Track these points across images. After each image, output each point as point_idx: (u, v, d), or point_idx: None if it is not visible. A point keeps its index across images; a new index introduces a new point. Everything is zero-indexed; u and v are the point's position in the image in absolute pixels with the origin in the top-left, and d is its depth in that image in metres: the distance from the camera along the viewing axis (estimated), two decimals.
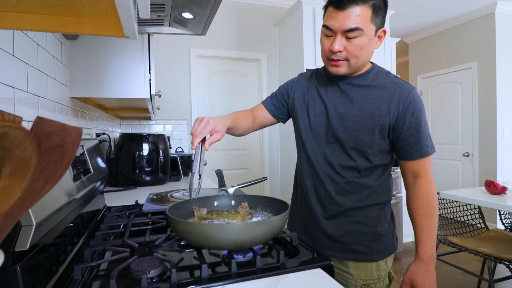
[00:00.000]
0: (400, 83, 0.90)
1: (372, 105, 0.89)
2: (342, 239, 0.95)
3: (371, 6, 0.82)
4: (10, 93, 0.74)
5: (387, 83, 0.91)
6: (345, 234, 0.95)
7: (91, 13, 0.55)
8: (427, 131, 0.89)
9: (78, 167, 0.88)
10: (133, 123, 3.00)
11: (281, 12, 3.40)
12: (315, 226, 0.99)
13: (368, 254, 0.94)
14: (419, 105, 0.88)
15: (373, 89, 0.91)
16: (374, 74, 0.93)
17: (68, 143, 0.27)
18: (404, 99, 0.87)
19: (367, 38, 0.84)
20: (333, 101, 0.94)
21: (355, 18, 0.81)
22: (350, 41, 0.84)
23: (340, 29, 0.83)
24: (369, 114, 0.89)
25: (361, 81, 0.92)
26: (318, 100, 0.97)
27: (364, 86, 0.92)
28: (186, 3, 1.00)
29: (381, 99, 0.89)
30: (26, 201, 0.26)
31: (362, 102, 0.90)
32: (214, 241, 0.67)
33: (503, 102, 3.65)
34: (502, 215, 2.31)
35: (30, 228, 0.50)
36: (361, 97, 0.91)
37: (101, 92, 1.33)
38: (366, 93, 0.91)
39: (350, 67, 0.88)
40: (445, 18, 3.97)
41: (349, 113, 0.91)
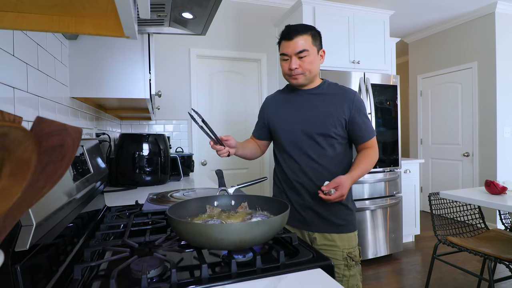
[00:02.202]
0: (346, 89, 1.26)
1: (331, 107, 1.22)
2: (328, 215, 1.22)
3: (310, 34, 1.19)
4: (10, 93, 0.74)
5: (337, 91, 1.25)
6: (329, 211, 1.22)
7: (91, 13, 0.55)
8: (369, 121, 1.26)
9: (78, 167, 0.88)
10: (133, 123, 3.00)
11: (281, 12, 3.40)
12: (305, 209, 1.23)
13: (347, 226, 1.23)
14: (362, 103, 1.24)
15: (328, 95, 1.25)
16: (327, 85, 1.28)
17: (68, 143, 0.27)
18: (351, 101, 1.22)
19: (313, 56, 1.20)
20: (301, 107, 1.25)
21: (301, 43, 1.17)
22: (302, 60, 1.19)
23: (293, 53, 1.18)
24: (331, 114, 1.21)
25: (319, 91, 1.26)
26: (289, 108, 1.28)
27: (321, 94, 1.25)
28: (186, 3, 1.00)
29: (336, 102, 1.22)
30: (26, 201, 0.26)
31: (323, 105, 1.23)
32: (214, 241, 0.67)
33: (503, 102, 3.65)
34: (502, 215, 2.31)
35: (30, 228, 0.50)
36: (322, 102, 1.24)
37: (101, 92, 1.33)
38: (324, 99, 1.24)
39: (306, 78, 1.22)
40: (445, 18, 3.97)
41: (316, 115, 1.22)
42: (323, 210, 1.21)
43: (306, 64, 1.19)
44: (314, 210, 1.22)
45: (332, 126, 1.20)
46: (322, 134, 1.20)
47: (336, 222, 1.21)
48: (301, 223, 1.25)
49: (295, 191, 1.25)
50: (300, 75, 1.21)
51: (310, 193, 1.22)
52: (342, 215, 1.23)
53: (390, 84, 2.96)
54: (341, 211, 1.23)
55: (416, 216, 3.32)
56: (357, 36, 2.96)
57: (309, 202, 1.22)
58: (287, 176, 1.26)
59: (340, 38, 2.91)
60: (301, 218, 1.24)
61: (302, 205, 1.24)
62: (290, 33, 1.18)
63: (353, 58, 2.96)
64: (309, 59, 1.19)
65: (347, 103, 1.21)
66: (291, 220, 1.25)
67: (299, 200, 1.24)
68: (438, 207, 2.23)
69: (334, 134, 1.20)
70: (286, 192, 1.28)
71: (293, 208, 1.24)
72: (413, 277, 2.57)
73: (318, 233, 1.22)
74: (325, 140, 1.21)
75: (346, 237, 1.22)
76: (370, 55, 3.05)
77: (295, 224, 1.26)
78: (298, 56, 1.18)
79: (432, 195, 2.24)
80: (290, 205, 1.15)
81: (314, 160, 1.21)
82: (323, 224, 1.22)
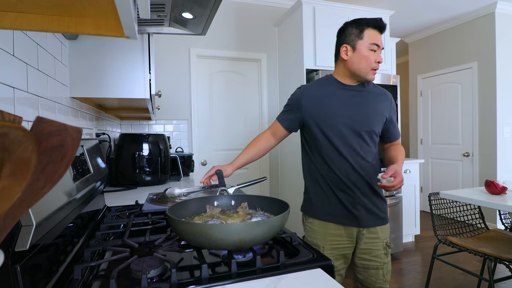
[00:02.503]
0: (385, 90, 1.33)
1: (376, 105, 1.25)
2: (376, 210, 1.25)
3: None
4: (10, 93, 0.74)
5: (379, 90, 1.30)
6: (376, 206, 1.25)
7: (91, 13, 0.55)
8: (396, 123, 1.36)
9: (78, 167, 0.88)
10: (133, 123, 3.00)
11: (281, 12, 3.40)
12: (356, 206, 1.23)
13: (385, 218, 1.29)
14: (395, 106, 1.34)
15: (372, 94, 1.27)
16: (367, 84, 1.29)
17: (68, 143, 0.27)
18: (391, 101, 1.31)
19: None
20: (349, 103, 1.23)
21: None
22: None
23: (382, 46, 1.20)
24: (377, 112, 1.25)
25: (363, 88, 1.27)
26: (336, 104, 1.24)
27: (366, 91, 1.27)
28: (186, 3, 1.00)
29: (380, 101, 1.27)
30: (26, 201, 0.26)
31: (370, 103, 1.25)
32: (214, 241, 0.67)
33: (503, 102, 3.65)
34: (502, 215, 2.31)
35: (30, 228, 0.50)
36: (368, 100, 1.25)
37: (101, 92, 1.33)
38: (369, 97, 1.26)
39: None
40: (445, 18, 3.97)
41: (365, 112, 1.23)
42: (371, 206, 1.24)
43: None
44: (365, 207, 1.23)
45: (377, 124, 1.24)
46: (368, 131, 1.22)
47: (380, 215, 1.26)
48: (351, 220, 1.24)
49: (347, 190, 1.22)
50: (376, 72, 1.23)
51: (361, 191, 1.22)
52: (383, 208, 1.28)
53: (390, 84, 2.96)
54: (382, 205, 1.28)
55: (416, 216, 3.32)
56: None
57: (360, 199, 1.22)
58: (337, 175, 1.22)
59: None
60: (351, 215, 1.23)
61: (353, 203, 1.23)
62: (383, 27, 1.18)
63: None
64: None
65: (388, 103, 1.28)
66: (339, 218, 1.24)
67: (350, 198, 1.22)
68: (438, 207, 2.23)
69: (377, 131, 1.25)
70: (335, 191, 1.24)
71: (341, 207, 1.23)
72: (413, 277, 2.57)
73: (367, 228, 1.24)
74: (370, 137, 1.23)
75: (385, 228, 1.29)
76: None
77: (344, 222, 1.24)
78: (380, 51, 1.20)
79: (432, 195, 2.24)
80: (339, 203, 1.24)
81: (363, 157, 1.21)
82: (372, 219, 1.24)
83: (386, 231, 1.29)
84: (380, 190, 1.27)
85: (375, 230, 1.25)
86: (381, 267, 1.25)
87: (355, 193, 1.22)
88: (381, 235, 1.26)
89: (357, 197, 1.22)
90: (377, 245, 1.25)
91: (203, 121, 3.26)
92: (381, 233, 1.26)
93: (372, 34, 1.17)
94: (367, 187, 1.23)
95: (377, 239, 1.25)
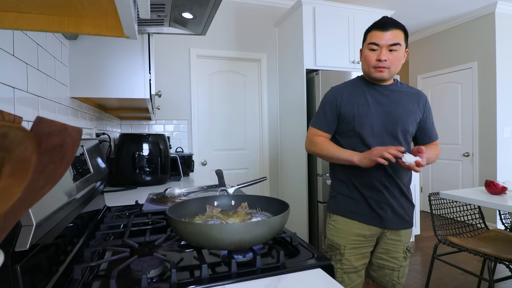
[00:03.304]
0: (418, 90, 1.32)
1: (409, 104, 1.24)
2: (402, 213, 1.23)
3: (403, 31, 1.19)
4: (10, 93, 0.74)
5: (411, 90, 1.29)
6: (403, 209, 1.24)
7: (91, 13, 0.55)
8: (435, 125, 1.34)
9: (78, 167, 0.88)
10: (133, 123, 3.00)
11: (281, 12, 3.40)
12: (382, 206, 1.22)
13: (410, 222, 1.27)
14: (431, 107, 1.31)
15: (405, 94, 1.27)
16: (400, 84, 1.30)
17: (68, 143, 0.27)
18: (424, 102, 1.29)
19: (402, 53, 1.20)
20: (382, 102, 1.24)
21: (396, 36, 1.17)
22: (391, 53, 1.18)
23: (385, 44, 1.17)
24: (411, 111, 1.24)
25: (396, 88, 1.27)
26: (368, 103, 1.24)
27: (398, 91, 1.26)
28: (186, 3, 1.00)
29: (413, 101, 1.26)
30: (26, 201, 0.26)
31: (403, 102, 1.24)
32: (214, 241, 0.67)
33: (503, 102, 3.65)
34: (502, 215, 2.31)
35: (30, 228, 0.50)
36: (401, 99, 1.25)
37: (101, 92, 1.33)
38: (401, 96, 1.25)
39: (390, 73, 1.21)
40: (445, 18, 3.97)
41: (398, 111, 1.22)
42: (398, 207, 1.22)
43: (395, 59, 1.18)
44: (392, 208, 1.21)
45: (411, 123, 1.23)
46: (402, 131, 1.22)
47: (406, 218, 1.25)
48: (375, 220, 1.22)
49: (374, 189, 1.22)
50: (385, 69, 1.19)
51: (389, 191, 1.21)
52: (410, 212, 1.26)
53: None
54: (409, 208, 1.26)
55: (416, 216, 3.32)
56: (357, 36, 2.96)
57: (387, 200, 1.21)
58: (365, 174, 1.21)
59: (340, 38, 2.91)
60: (376, 215, 1.22)
61: (379, 203, 1.21)
62: (387, 24, 1.17)
63: (353, 58, 2.96)
64: (398, 55, 1.18)
65: (422, 103, 1.27)
66: (364, 218, 1.23)
67: (376, 197, 1.21)
68: (438, 207, 2.23)
69: (410, 131, 1.24)
70: (360, 190, 1.24)
71: (366, 205, 1.23)
72: (413, 277, 2.56)
73: (391, 230, 1.23)
74: (404, 137, 1.23)
75: (409, 232, 1.27)
76: None
77: (369, 222, 1.23)
78: (389, 49, 1.17)
79: (432, 195, 2.24)
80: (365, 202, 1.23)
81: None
82: (397, 221, 1.23)
83: (409, 235, 1.28)
84: (409, 194, 1.26)
85: (398, 233, 1.24)
86: (397, 269, 1.25)
87: (383, 193, 1.21)
88: (403, 238, 1.26)
89: (384, 198, 1.21)
90: (398, 247, 1.25)
91: (203, 121, 3.26)
92: (404, 236, 1.26)
93: (373, 35, 1.19)
94: (396, 188, 1.22)
95: (398, 242, 1.25)
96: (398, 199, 1.22)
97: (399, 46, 1.17)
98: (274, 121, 3.47)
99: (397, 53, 1.18)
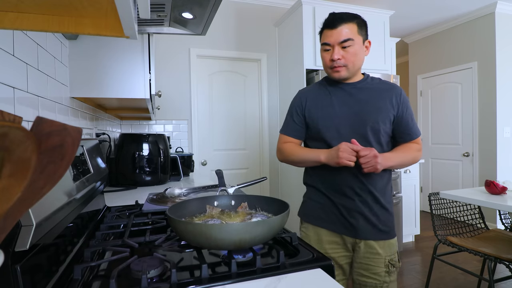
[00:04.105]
0: (392, 84, 1.19)
1: (379, 101, 1.14)
2: (376, 221, 1.13)
3: (356, 23, 1.11)
4: (10, 93, 0.74)
5: (383, 86, 1.18)
6: (377, 217, 1.13)
7: (91, 13, 0.55)
8: (415, 119, 1.19)
9: (78, 167, 0.88)
10: (133, 123, 3.00)
11: (281, 12, 3.40)
12: (353, 214, 1.13)
13: (389, 232, 1.15)
14: (408, 101, 1.18)
15: (374, 90, 1.16)
16: (370, 79, 1.20)
17: (68, 143, 0.27)
18: (399, 96, 1.15)
19: (358, 46, 1.11)
20: (347, 102, 1.15)
21: (345, 32, 1.09)
22: (345, 50, 1.10)
23: (336, 42, 1.10)
24: (381, 108, 1.13)
25: (364, 85, 1.17)
26: (333, 104, 1.17)
27: (367, 88, 1.17)
28: (186, 3, 1.00)
29: (384, 97, 1.14)
30: (26, 201, 0.26)
31: (371, 100, 1.14)
32: (214, 241, 0.67)
33: (503, 102, 3.65)
34: (502, 215, 2.31)
35: (30, 228, 0.50)
36: (369, 96, 1.15)
37: (101, 92, 1.33)
38: (371, 93, 1.15)
39: (349, 71, 1.13)
40: (445, 18, 3.97)
41: (366, 110, 1.13)
42: (371, 216, 1.12)
43: (350, 55, 1.10)
44: (364, 215, 1.12)
45: (382, 122, 1.12)
46: (372, 131, 1.12)
47: (381, 228, 1.13)
48: (347, 229, 1.14)
49: (344, 195, 1.14)
50: (342, 68, 1.11)
51: (360, 197, 1.12)
52: (386, 221, 1.15)
53: None
54: (385, 217, 1.15)
55: (416, 216, 3.32)
56: None
57: (358, 206, 1.12)
58: (335, 179, 1.14)
59: None
60: (347, 224, 1.14)
61: (350, 210, 1.13)
62: (334, 21, 1.10)
63: None
64: (353, 50, 1.10)
65: (395, 98, 1.15)
66: (334, 226, 1.16)
67: (347, 204, 1.13)
68: (438, 207, 2.23)
69: (383, 131, 1.13)
70: (330, 196, 1.16)
71: (338, 213, 1.15)
72: (413, 277, 2.56)
73: (363, 241, 1.13)
74: (375, 138, 1.13)
75: (388, 244, 1.15)
76: (370, 55, 3.02)
77: (340, 230, 1.15)
78: (342, 46, 1.09)
79: (432, 195, 2.24)
80: (335, 209, 1.15)
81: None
82: (371, 231, 1.13)
83: (390, 247, 1.15)
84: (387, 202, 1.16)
85: (373, 244, 1.13)
86: (380, 285, 1.12)
87: (354, 201, 1.13)
88: (383, 251, 1.13)
89: (355, 205, 1.12)
90: (378, 261, 1.12)
91: (203, 121, 3.26)
92: (383, 249, 1.13)
93: (324, 34, 1.14)
94: (368, 195, 1.12)
95: (377, 256, 1.12)
96: (372, 206, 1.12)
97: (352, 41, 1.09)
98: (274, 121, 3.47)
99: (352, 49, 1.10)
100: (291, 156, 1.21)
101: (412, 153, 1.16)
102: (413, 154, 1.16)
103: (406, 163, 1.16)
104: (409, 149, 1.16)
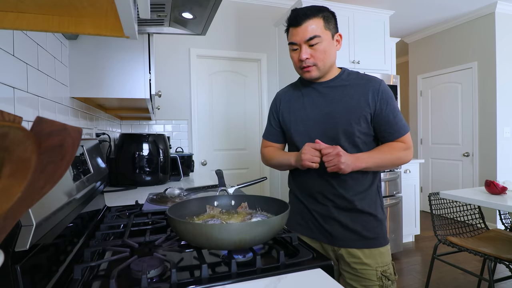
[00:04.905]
0: (370, 78, 1.07)
1: (352, 100, 1.04)
2: (354, 227, 1.04)
3: (321, 17, 1.01)
4: (10, 93, 0.74)
5: (359, 81, 1.06)
6: (355, 222, 1.04)
7: (91, 13, 0.55)
8: (400, 114, 1.06)
9: (78, 167, 0.88)
10: (133, 123, 3.00)
11: (281, 12, 3.40)
12: (328, 220, 1.07)
13: (377, 240, 1.05)
14: (390, 94, 1.04)
15: (349, 87, 1.06)
16: (346, 75, 1.09)
17: (68, 143, 0.27)
18: (377, 91, 1.03)
19: (327, 42, 1.02)
20: (318, 104, 1.08)
21: (311, 29, 0.99)
22: (313, 48, 1.01)
23: (302, 40, 1.01)
24: (353, 108, 1.03)
25: (337, 82, 1.08)
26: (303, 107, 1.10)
27: (341, 86, 1.07)
28: (186, 3, 1.00)
29: (358, 94, 1.04)
30: (26, 201, 0.26)
31: (343, 99, 1.05)
32: (214, 241, 0.67)
33: (503, 102, 3.65)
34: (502, 215, 2.31)
35: (30, 228, 0.50)
36: (342, 95, 1.05)
37: (101, 92, 1.33)
38: (344, 91, 1.06)
39: (320, 70, 1.04)
40: (445, 18, 3.97)
41: (337, 111, 1.04)
42: (349, 221, 1.04)
43: (319, 53, 1.01)
44: (339, 221, 1.05)
45: (355, 123, 1.01)
46: (345, 134, 1.03)
47: (364, 235, 1.04)
48: (324, 236, 1.08)
49: (316, 201, 1.08)
50: (312, 67, 1.03)
51: (334, 202, 1.05)
52: (370, 227, 1.05)
53: (390, 84, 2.96)
54: (369, 222, 1.05)
55: (416, 216, 3.32)
56: (357, 36, 2.96)
57: (332, 212, 1.05)
58: (306, 183, 1.10)
59: None
60: (323, 230, 1.07)
61: (324, 216, 1.07)
62: (298, 18, 1.00)
63: (353, 58, 2.96)
64: (322, 47, 1.01)
65: (372, 94, 1.02)
66: (312, 232, 1.10)
67: (321, 210, 1.08)
68: (438, 207, 2.23)
69: (358, 132, 1.02)
70: (303, 201, 1.12)
71: (313, 219, 1.10)
72: (413, 277, 2.57)
73: (344, 249, 1.04)
74: (349, 140, 1.03)
75: (377, 253, 1.04)
76: (370, 55, 3.05)
77: (318, 237, 1.09)
78: (309, 44, 1.00)
79: (432, 195, 2.24)
80: (311, 216, 1.09)
81: None
82: (349, 238, 1.04)
83: (380, 256, 1.04)
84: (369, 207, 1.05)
85: (356, 252, 1.03)
86: None
87: (327, 206, 1.06)
88: (369, 261, 1.02)
89: (329, 211, 1.06)
90: (368, 273, 1.02)
91: (203, 121, 3.26)
92: (370, 258, 1.02)
93: (290, 33, 1.05)
94: (342, 200, 1.04)
95: (365, 266, 1.02)
96: (349, 211, 1.04)
97: (319, 38, 0.99)
98: None
99: (320, 46, 1.00)
100: (270, 160, 1.19)
101: (395, 153, 1.03)
102: (397, 154, 1.03)
103: (387, 164, 1.03)
104: (391, 149, 1.03)
